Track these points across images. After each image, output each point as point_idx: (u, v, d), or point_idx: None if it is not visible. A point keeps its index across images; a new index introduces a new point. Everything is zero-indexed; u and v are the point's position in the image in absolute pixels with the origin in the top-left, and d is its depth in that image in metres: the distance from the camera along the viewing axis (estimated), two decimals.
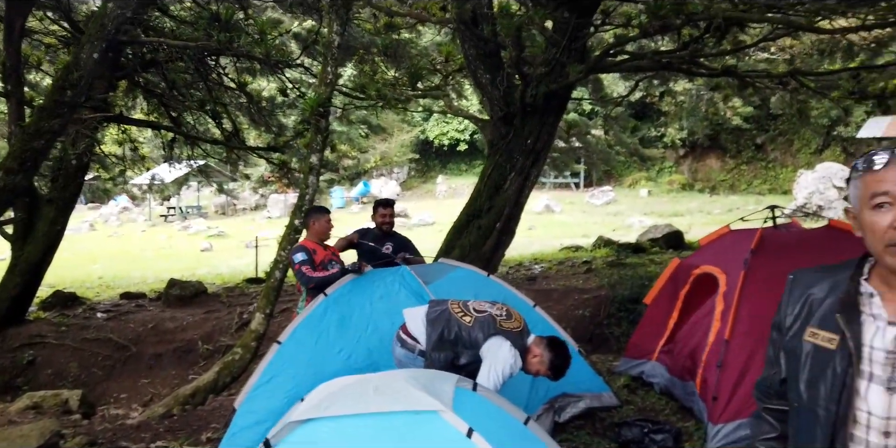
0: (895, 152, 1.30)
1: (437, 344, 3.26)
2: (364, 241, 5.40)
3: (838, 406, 1.34)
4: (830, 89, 9.11)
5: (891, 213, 1.28)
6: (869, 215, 1.32)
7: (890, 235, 1.28)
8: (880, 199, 1.30)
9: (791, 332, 1.48)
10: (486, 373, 3.10)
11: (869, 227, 1.33)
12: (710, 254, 4.99)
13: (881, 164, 1.31)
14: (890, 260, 1.30)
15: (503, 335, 3.23)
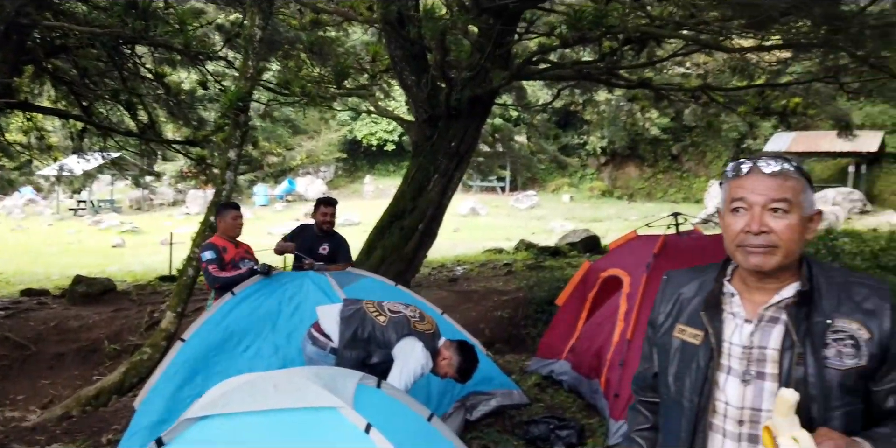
0: (757, 162, 1.41)
1: (350, 342, 3.27)
2: (302, 239, 5.32)
3: (700, 397, 1.45)
4: (738, 105, 9.68)
5: (744, 218, 1.39)
6: (727, 218, 1.44)
7: (740, 238, 1.40)
8: (737, 204, 1.41)
9: (662, 329, 1.58)
10: (398, 372, 3.15)
11: (725, 229, 1.44)
12: (617, 257, 5.20)
13: (744, 173, 1.42)
14: (741, 259, 1.42)
15: (416, 336, 3.29)
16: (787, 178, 1.38)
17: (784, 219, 1.37)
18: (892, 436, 1.34)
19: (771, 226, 1.36)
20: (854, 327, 1.35)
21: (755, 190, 1.38)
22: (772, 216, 1.37)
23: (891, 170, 22.03)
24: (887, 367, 1.35)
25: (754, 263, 1.39)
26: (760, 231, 1.37)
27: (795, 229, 1.37)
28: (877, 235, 11.22)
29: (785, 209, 1.37)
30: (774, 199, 1.37)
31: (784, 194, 1.37)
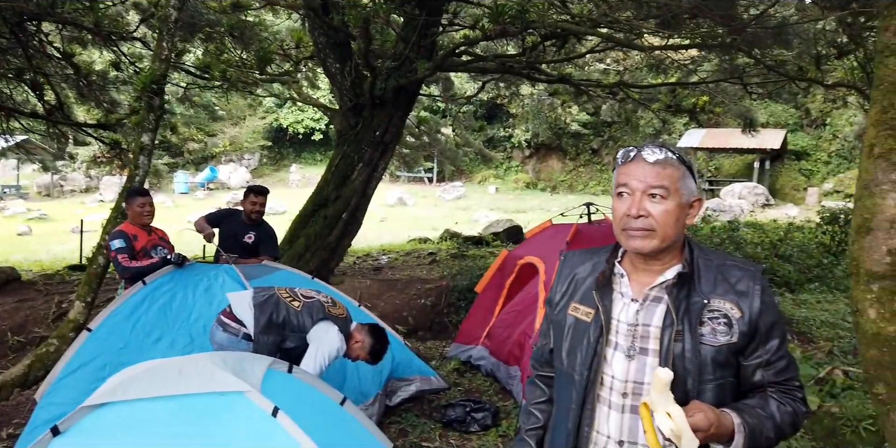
0: (642, 151, 1.50)
1: (266, 328, 3.29)
2: (228, 225, 5.20)
3: (590, 371, 1.54)
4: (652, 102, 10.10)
5: (627, 202, 1.49)
6: (614, 202, 1.54)
7: (625, 221, 1.49)
8: (621, 189, 1.51)
9: (559, 307, 1.67)
10: (313, 355, 3.19)
11: (613, 213, 1.54)
12: (533, 245, 5.38)
13: (628, 160, 1.52)
14: (624, 242, 1.52)
15: (331, 320, 3.35)
16: (666, 166, 1.47)
17: (661, 204, 1.46)
18: (757, 406, 1.46)
19: (649, 210, 1.46)
20: (728, 307, 1.47)
21: (637, 176, 1.48)
22: (650, 201, 1.47)
23: (792, 166, 23.53)
24: (755, 343, 1.47)
25: (634, 246, 1.49)
26: (639, 215, 1.46)
27: (672, 214, 1.47)
28: (776, 227, 11.99)
29: (663, 195, 1.46)
30: (653, 185, 1.46)
31: (662, 181, 1.46)
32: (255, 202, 5.23)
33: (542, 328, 1.80)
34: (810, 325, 5.96)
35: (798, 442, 3.66)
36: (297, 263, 7.29)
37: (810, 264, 8.48)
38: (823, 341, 5.42)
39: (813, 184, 22.52)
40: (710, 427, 1.34)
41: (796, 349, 4.85)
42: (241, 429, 2.04)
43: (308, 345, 3.29)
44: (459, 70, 9.27)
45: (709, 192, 23.54)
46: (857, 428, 3.50)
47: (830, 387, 4.08)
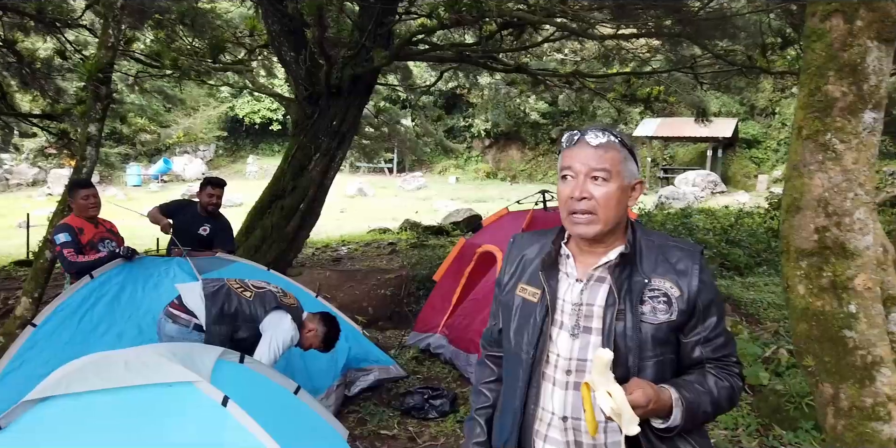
0: (585, 133, 1.53)
1: (218, 318, 3.26)
2: (183, 217, 5.09)
3: (536, 350, 1.57)
4: (607, 91, 10.23)
5: (571, 185, 1.51)
6: (560, 186, 1.56)
7: (569, 203, 1.51)
8: (565, 172, 1.53)
9: (507, 288, 1.69)
10: (267, 345, 3.18)
11: (558, 197, 1.56)
12: (490, 233, 5.42)
13: (572, 143, 1.54)
14: (570, 227, 1.54)
15: (284, 310, 3.34)
16: (608, 150, 1.50)
17: (603, 186, 1.49)
18: (695, 382, 1.50)
19: (592, 192, 1.49)
20: (667, 286, 1.51)
21: (580, 159, 1.50)
22: (593, 184, 1.49)
23: (743, 154, 24.19)
24: (694, 321, 1.51)
25: (578, 232, 1.52)
26: (582, 197, 1.49)
27: (613, 196, 1.50)
28: (727, 213, 12.32)
29: (605, 178, 1.49)
30: (595, 168, 1.49)
31: (604, 164, 1.49)
32: (212, 194, 5.14)
33: (491, 309, 1.82)
34: (758, 306, 6.16)
35: (745, 419, 3.80)
36: (254, 255, 7.20)
37: (759, 248, 8.75)
38: (770, 322, 5.62)
39: (763, 171, 23.20)
40: (648, 403, 1.38)
41: (744, 330, 5.01)
42: (191, 419, 2.02)
43: (260, 335, 3.28)
44: (417, 59, 9.24)
45: (664, 180, 24.03)
46: (799, 404, 3.64)
47: (776, 366, 4.24)
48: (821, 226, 1.60)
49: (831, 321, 1.60)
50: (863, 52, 1.54)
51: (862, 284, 1.56)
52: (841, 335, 1.58)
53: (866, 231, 1.55)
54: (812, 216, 1.62)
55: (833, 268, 1.60)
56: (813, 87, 1.59)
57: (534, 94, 12.12)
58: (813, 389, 1.73)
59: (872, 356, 1.54)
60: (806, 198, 1.62)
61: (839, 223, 1.57)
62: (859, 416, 1.54)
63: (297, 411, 2.61)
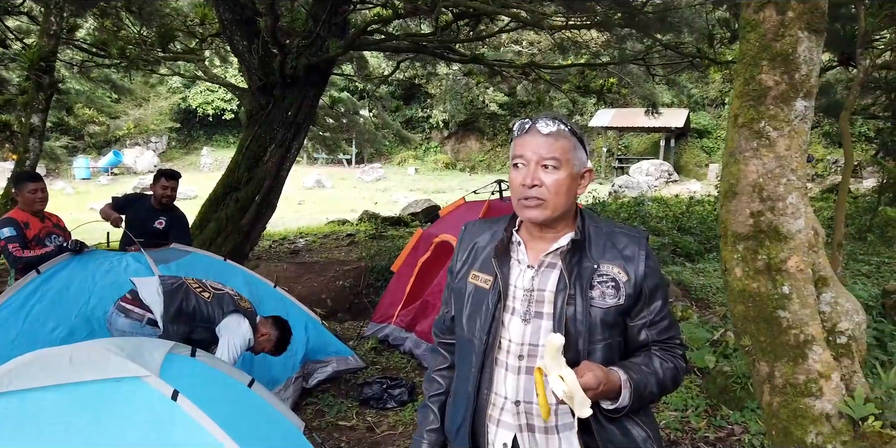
0: (536, 122, 1.55)
1: (175, 317, 3.22)
2: (136, 210, 4.97)
3: (488, 335, 1.60)
4: (563, 82, 10.33)
5: (522, 173, 1.54)
6: (511, 174, 1.58)
7: (521, 191, 1.54)
8: (517, 160, 1.56)
9: (459, 276, 1.72)
10: (225, 348, 3.17)
11: (510, 184, 1.59)
12: (447, 223, 5.44)
13: (523, 132, 1.56)
14: (520, 212, 1.57)
15: (241, 313, 3.33)
16: (559, 138, 1.53)
17: (554, 174, 1.52)
18: (642, 364, 1.56)
19: (542, 180, 1.52)
20: (615, 271, 1.55)
21: (531, 147, 1.53)
22: (544, 172, 1.52)
23: (694, 144, 24.79)
24: (640, 305, 1.57)
25: (528, 216, 1.55)
26: (533, 184, 1.52)
27: (563, 184, 1.54)
28: (679, 201, 12.63)
29: (555, 166, 1.52)
30: (545, 156, 1.52)
31: (554, 153, 1.52)
32: (167, 186, 5.03)
33: (443, 296, 1.84)
34: (707, 291, 6.35)
35: (694, 400, 3.92)
36: (209, 249, 7.07)
37: (709, 236, 9.00)
38: (718, 306, 5.80)
39: (714, 160, 23.81)
40: (599, 385, 1.42)
41: (693, 315, 5.16)
42: (140, 415, 1.98)
43: (216, 337, 3.26)
44: (372, 49, 9.17)
45: (618, 170, 24.46)
46: (745, 384, 3.78)
47: (724, 348, 4.38)
48: (756, 210, 1.67)
49: (766, 302, 1.68)
50: (794, 42, 1.60)
51: (795, 266, 1.64)
52: (775, 315, 1.66)
53: (798, 215, 1.62)
54: (747, 201, 1.69)
55: (767, 251, 1.67)
56: (748, 76, 1.65)
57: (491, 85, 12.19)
58: (750, 368, 1.80)
59: (805, 335, 1.62)
60: (742, 183, 1.69)
61: (773, 208, 1.64)
62: (793, 392, 1.61)
63: (251, 404, 2.59)
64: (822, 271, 1.68)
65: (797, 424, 1.57)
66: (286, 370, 4.28)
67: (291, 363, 4.36)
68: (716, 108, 25.45)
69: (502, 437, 1.60)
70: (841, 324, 1.63)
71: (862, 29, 2.98)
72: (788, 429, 1.58)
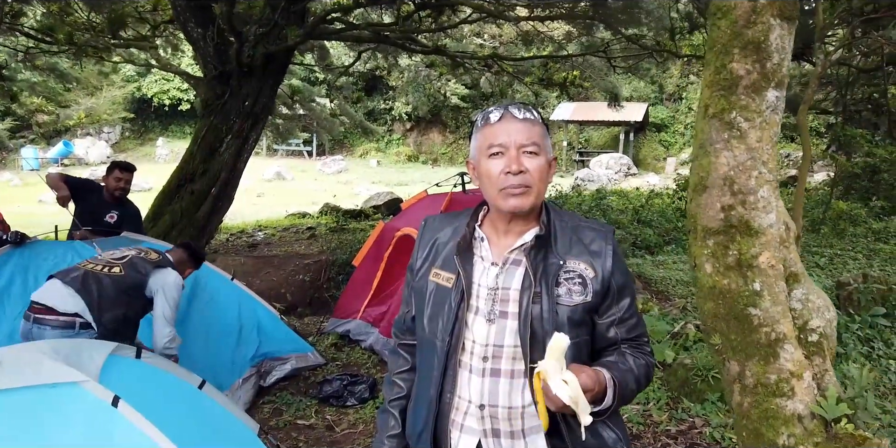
0: (508, 108, 1.48)
1: (102, 308, 3.05)
2: (88, 201, 4.72)
3: (451, 336, 1.52)
4: (525, 75, 10.31)
5: (502, 161, 1.45)
6: (486, 164, 1.48)
7: (503, 180, 1.45)
8: (495, 149, 1.47)
9: (420, 274, 1.63)
10: (162, 304, 3.18)
11: (486, 174, 1.49)
12: (409, 216, 5.34)
13: (496, 119, 1.48)
14: (502, 203, 1.47)
15: (159, 267, 3.29)
16: (534, 124, 1.48)
17: (536, 160, 1.46)
18: (618, 362, 1.50)
19: (527, 166, 1.45)
20: (582, 267, 1.49)
21: (511, 133, 1.45)
22: (527, 157, 1.45)
23: (653, 137, 25.17)
24: (609, 302, 1.51)
25: (513, 205, 1.46)
26: (519, 170, 1.44)
27: (544, 170, 1.48)
28: (638, 194, 12.76)
29: (535, 152, 1.46)
30: (526, 142, 1.45)
31: (534, 137, 1.46)
32: (120, 178, 4.79)
33: (403, 295, 1.76)
34: (667, 284, 6.40)
35: (655, 393, 3.93)
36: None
37: (668, 228, 9.10)
38: (678, 298, 5.84)
39: (671, 154, 24.22)
40: (595, 386, 1.36)
41: (654, 307, 5.19)
42: (77, 422, 1.85)
43: (151, 298, 3.24)
44: (332, 38, 8.98)
45: (579, 163, 24.67)
46: (706, 377, 3.80)
47: (684, 341, 4.40)
48: (727, 204, 1.62)
49: (737, 299, 1.63)
50: (766, 29, 1.55)
51: (766, 262, 1.59)
52: (746, 313, 1.61)
53: (770, 209, 1.58)
54: (718, 195, 1.63)
55: (739, 246, 1.62)
56: (718, 64, 1.59)
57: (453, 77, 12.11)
58: (720, 367, 1.76)
59: (776, 333, 1.58)
60: (712, 176, 1.63)
61: (744, 201, 1.59)
62: (764, 392, 1.57)
63: (201, 407, 2.46)
64: (793, 267, 1.64)
65: (768, 425, 1.53)
66: (233, 374, 4.10)
67: (240, 363, 4.21)
68: (673, 103, 25.85)
69: (466, 442, 1.53)
70: (812, 321, 1.59)
71: (820, 23, 2.98)
72: (759, 430, 1.54)
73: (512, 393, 1.51)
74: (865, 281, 4.38)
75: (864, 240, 7.87)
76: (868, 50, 8.58)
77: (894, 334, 4.35)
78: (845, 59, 6.61)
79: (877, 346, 4.18)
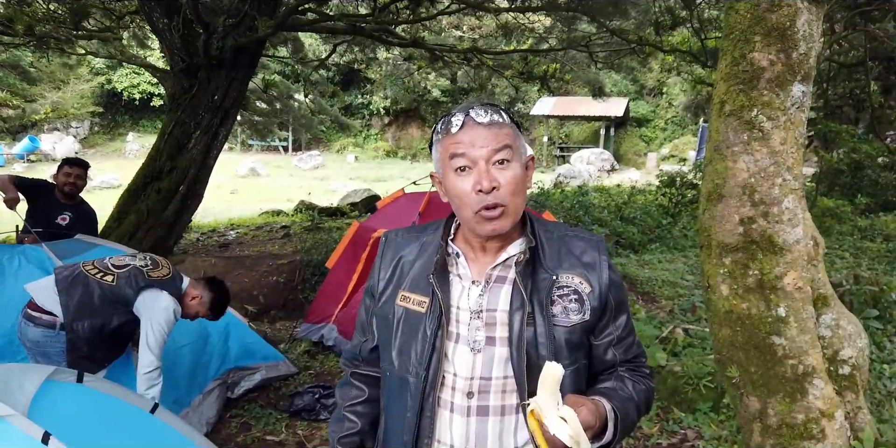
0: (470, 113, 1.26)
1: (77, 313, 2.84)
2: (41, 202, 4.46)
3: (428, 371, 1.31)
4: (505, 68, 10.11)
5: (471, 177, 1.24)
6: (453, 180, 1.27)
7: (476, 200, 1.24)
8: (460, 163, 1.25)
9: (384, 298, 1.41)
10: (148, 330, 2.86)
11: (454, 193, 1.28)
12: (385, 217, 5.13)
13: (457, 127, 1.26)
14: (479, 228, 1.27)
15: (156, 286, 2.97)
16: (502, 126, 1.26)
17: (509, 170, 1.25)
18: (617, 389, 1.33)
19: (499, 180, 1.24)
20: (577, 282, 1.31)
21: (476, 143, 1.24)
22: (498, 170, 1.24)
23: (633, 132, 25.17)
24: (606, 320, 1.34)
25: (492, 229, 1.26)
26: (492, 187, 1.23)
27: (521, 180, 1.27)
28: (621, 190, 12.66)
29: (507, 158, 1.25)
30: (496, 149, 1.24)
31: (504, 141, 1.25)
32: (69, 174, 4.53)
33: (360, 322, 1.51)
34: (653, 284, 6.25)
35: None
36: (128, 243, 6.54)
37: (651, 225, 8.98)
38: (665, 300, 5.69)
39: (652, 149, 24.23)
40: (596, 422, 1.18)
41: (641, 310, 5.02)
42: None
43: (137, 317, 2.94)
44: (306, 30, 8.70)
45: (560, 158, 24.60)
46: (697, 385, 3.63)
47: (673, 346, 4.24)
48: (746, 216, 1.40)
49: (758, 326, 1.42)
50: (792, 13, 1.34)
51: (792, 284, 1.39)
52: (769, 342, 1.40)
53: (796, 222, 1.37)
54: (736, 205, 1.42)
55: (760, 265, 1.41)
56: (737, 54, 1.38)
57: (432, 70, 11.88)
58: (736, 403, 1.55)
59: (804, 366, 1.37)
60: (729, 184, 1.42)
61: (766, 213, 1.38)
62: (790, 434, 1.37)
63: (152, 434, 2.23)
64: (821, 289, 1.44)
65: None
66: (193, 390, 3.82)
67: (202, 377, 3.93)
68: (654, 98, 25.86)
69: None
70: (843, 351, 1.39)
71: None
72: None
73: (503, 434, 1.30)
74: (857, 282, 4.26)
75: (850, 238, 7.81)
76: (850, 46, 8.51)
77: (887, 337, 4.23)
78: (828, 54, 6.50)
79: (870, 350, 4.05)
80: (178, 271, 3.17)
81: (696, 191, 9.68)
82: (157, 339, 2.83)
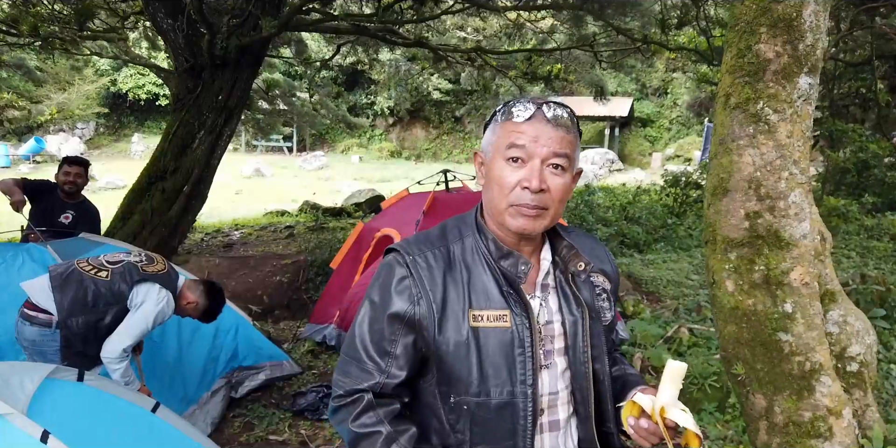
0: (542, 107, 1.20)
1: (70, 311, 2.83)
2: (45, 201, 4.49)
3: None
4: (509, 69, 10.09)
5: (522, 171, 1.18)
6: (500, 167, 1.21)
7: (516, 194, 1.19)
8: (516, 153, 1.19)
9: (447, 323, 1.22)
10: (131, 315, 2.85)
11: (497, 180, 1.21)
12: (390, 216, 5.12)
13: (524, 117, 1.19)
14: (509, 220, 1.20)
15: (150, 281, 2.95)
16: (570, 130, 1.21)
17: (561, 177, 1.20)
18: (632, 373, 1.37)
19: (549, 183, 1.19)
20: (601, 279, 1.31)
21: (540, 139, 1.18)
22: (551, 173, 1.19)
23: (638, 132, 25.11)
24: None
25: (521, 226, 1.20)
26: (540, 189, 1.17)
27: (568, 190, 1.23)
28: (625, 190, 12.62)
29: (564, 166, 1.20)
30: (557, 153, 1.18)
31: (566, 149, 1.20)
32: (69, 172, 4.56)
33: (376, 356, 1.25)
34: (658, 284, 6.22)
35: None
36: (133, 243, 6.56)
37: (656, 225, 8.94)
38: (670, 299, 5.66)
39: (657, 149, 24.17)
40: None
41: (646, 310, 4.99)
42: None
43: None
44: (310, 30, 8.70)
45: None
46: (702, 385, 3.60)
47: (678, 345, 4.21)
48: (752, 211, 1.38)
49: (764, 322, 1.39)
50: (799, 3, 1.31)
51: (799, 279, 1.36)
52: (775, 339, 1.38)
53: (803, 217, 1.35)
54: (742, 199, 1.40)
55: (766, 260, 1.38)
56: (742, 46, 1.36)
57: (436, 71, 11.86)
58: (742, 401, 1.53)
59: (811, 363, 1.35)
60: (735, 178, 1.39)
61: (773, 207, 1.36)
62: (797, 432, 1.34)
63: (153, 434, 2.22)
64: (829, 284, 1.42)
65: None
66: (202, 387, 3.83)
67: (211, 376, 3.94)
68: (659, 97, 25.80)
69: None
70: (851, 348, 1.37)
71: None
72: None
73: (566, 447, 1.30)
74: (864, 281, 4.22)
75: (857, 237, 7.76)
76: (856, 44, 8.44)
77: (894, 337, 4.19)
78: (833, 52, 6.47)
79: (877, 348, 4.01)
80: (173, 268, 3.15)
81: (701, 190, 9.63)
82: (138, 329, 2.80)
